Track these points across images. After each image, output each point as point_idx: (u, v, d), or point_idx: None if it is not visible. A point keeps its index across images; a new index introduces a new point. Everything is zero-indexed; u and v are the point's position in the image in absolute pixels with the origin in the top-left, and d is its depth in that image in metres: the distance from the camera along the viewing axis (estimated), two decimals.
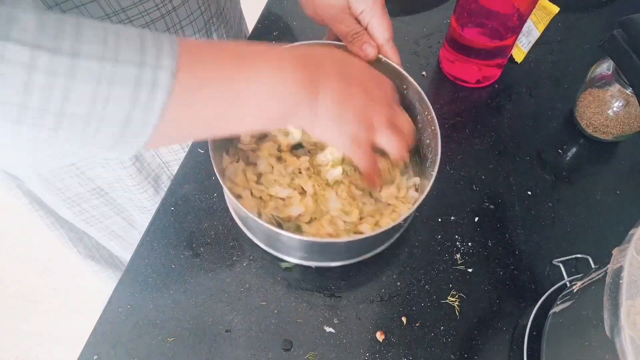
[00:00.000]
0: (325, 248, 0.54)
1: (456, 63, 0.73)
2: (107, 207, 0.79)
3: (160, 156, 0.75)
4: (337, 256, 0.56)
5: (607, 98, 0.64)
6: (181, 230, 0.59)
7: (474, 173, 0.66)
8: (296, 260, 0.56)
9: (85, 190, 0.73)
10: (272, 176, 0.56)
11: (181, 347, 0.52)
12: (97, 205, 0.78)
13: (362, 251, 0.56)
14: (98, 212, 0.79)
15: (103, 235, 0.86)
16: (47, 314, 1.49)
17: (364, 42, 0.54)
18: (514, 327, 0.55)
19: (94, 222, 0.81)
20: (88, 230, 0.83)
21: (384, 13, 0.54)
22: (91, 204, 0.77)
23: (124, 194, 0.77)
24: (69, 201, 0.74)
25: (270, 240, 0.55)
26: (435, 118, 0.54)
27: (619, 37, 0.53)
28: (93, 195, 0.75)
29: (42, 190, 0.71)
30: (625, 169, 0.69)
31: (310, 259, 0.56)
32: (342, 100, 0.43)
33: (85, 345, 0.52)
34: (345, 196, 0.55)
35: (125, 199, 0.78)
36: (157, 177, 0.77)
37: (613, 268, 0.37)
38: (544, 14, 0.72)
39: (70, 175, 0.69)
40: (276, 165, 0.56)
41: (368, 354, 0.53)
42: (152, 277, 0.56)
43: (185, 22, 0.61)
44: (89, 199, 0.75)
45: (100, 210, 0.79)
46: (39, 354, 1.42)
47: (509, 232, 0.62)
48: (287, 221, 0.54)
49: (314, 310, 0.55)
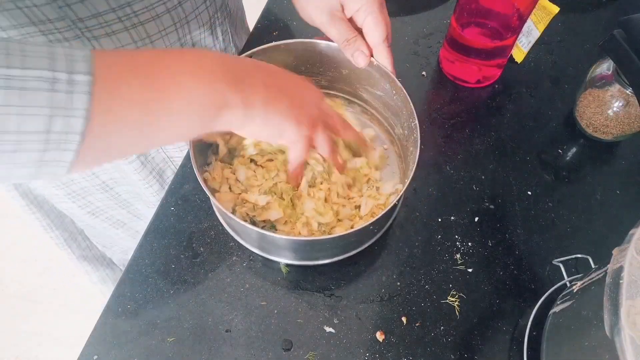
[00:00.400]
0: (310, 246, 0.54)
1: (456, 63, 0.73)
2: (112, 201, 0.80)
3: (165, 150, 0.76)
4: (323, 253, 0.56)
5: (607, 98, 0.64)
6: (181, 230, 0.59)
7: (474, 173, 0.66)
8: (285, 260, 0.56)
9: (90, 185, 0.74)
10: (256, 181, 0.56)
11: (181, 347, 0.52)
12: (102, 199, 0.78)
13: (349, 248, 0.56)
14: (103, 204, 0.79)
15: (109, 224, 0.85)
16: (47, 314, 1.49)
17: (355, 50, 0.53)
18: (514, 327, 0.55)
19: (99, 213, 0.81)
20: (93, 222, 0.83)
21: (381, 10, 0.52)
22: (96, 197, 0.77)
23: (130, 189, 0.77)
24: (73, 195, 0.74)
25: (252, 239, 0.56)
26: (417, 127, 0.53)
27: (619, 37, 0.53)
28: (98, 190, 0.75)
29: (45, 184, 0.71)
30: (625, 169, 0.69)
31: (297, 258, 0.56)
32: (269, 103, 0.43)
33: (85, 345, 0.52)
34: (319, 197, 0.55)
35: (131, 194, 0.78)
36: (161, 171, 0.77)
37: (613, 268, 0.37)
38: (544, 14, 0.72)
39: None
40: (258, 170, 0.57)
41: (368, 354, 0.53)
42: (152, 277, 0.56)
43: (191, 16, 0.61)
44: (94, 192, 0.76)
45: (106, 203, 0.79)
46: (39, 354, 1.42)
47: (509, 232, 0.62)
48: (262, 222, 0.55)
49: (314, 310, 0.55)
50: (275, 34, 0.78)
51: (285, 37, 0.59)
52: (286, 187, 0.55)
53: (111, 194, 0.78)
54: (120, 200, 0.80)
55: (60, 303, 1.50)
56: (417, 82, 0.75)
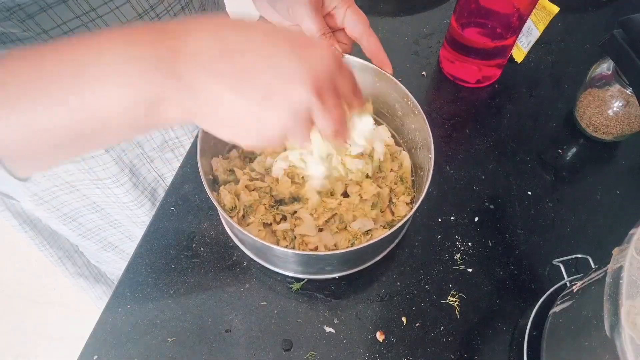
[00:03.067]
0: (316, 261, 0.53)
1: (456, 63, 0.73)
2: (104, 220, 0.79)
3: (156, 169, 0.75)
4: (329, 269, 0.56)
5: (607, 98, 0.64)
6: (181, 230, 0.59)
7: (474, 173, 0.66)
8: (288, 273, 0.56)
9: (81, 206, 0.73)
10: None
11: (181, 347, 0.52)
12: (94, 219, 0.78)
13: (355, 264, 0.56)
14: (94, 224, 0.79)
15: (100, 247, 0.85)
16: (47, 314, 1.49)
17: (335, 42, 0.54)
18: (514, 327, 0.55)
19: (91, 236, 0.81)
20: (84, 243, 0.82)
21: (355, 5, 0.53)
22: (87, 218, 0.77)
23: (121, 211, 0.76)
24: (64, 217, 0.74)
25: (260, 252, 0.56)
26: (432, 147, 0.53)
27: (619, 37, 0.53)
28: (89, 210, 0.75)
29: (36, 208, 0.70)
30: (625, 169, 0.69)
31: (303, 272, 0.56)
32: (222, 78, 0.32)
33: (85, 345, 0.52)
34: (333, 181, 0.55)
35: (122, 215, 0.78)
36: (153, 190, 0.77)
37: (613, 268, 0.37)
38: (544, 14, 0.72)
39: (65, 193, 0.69)
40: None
41: (368, 354, 0.53)
42: (152, 277, 0.56)
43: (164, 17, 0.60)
44: (84, 213, 0.75)
45: (97, 223, 0.79)
46: (39, 354, 1.42)
47: (509, 232, 0.62)
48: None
49: (314, 310, 0.55)
50: None
51: None
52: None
53: (102, 214, 0.77)
54: (112, 220, 0.80)
55: (60, 303, 1.50)
56: (417, 82, 0.75)
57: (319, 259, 0.51)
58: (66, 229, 0.77)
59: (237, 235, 0.57)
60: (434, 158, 0.52)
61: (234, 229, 0.54)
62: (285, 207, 0.55)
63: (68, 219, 0.74)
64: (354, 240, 0.54)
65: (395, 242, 0.59)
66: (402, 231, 0.59)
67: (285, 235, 0.54)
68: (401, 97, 0.57)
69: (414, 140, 0.59)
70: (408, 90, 0.55)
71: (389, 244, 0.58)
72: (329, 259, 0.52)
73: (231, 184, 0.57)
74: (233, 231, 0.57)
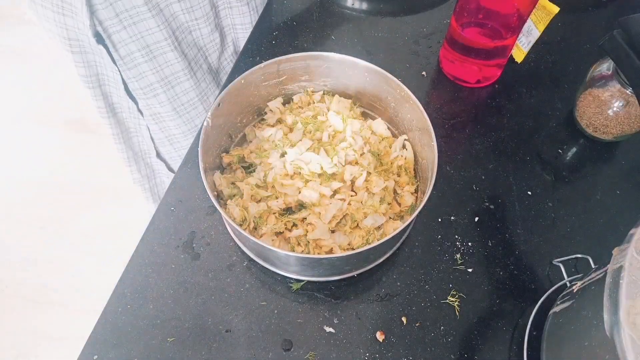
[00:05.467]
0: (317, 263, 0.53)
1: (456, 63, 0.73)
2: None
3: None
4: (329, 271, 0.56)
5: (607, 98, 0.64)
6: (181, 230, 0.59)
7: (474, 173, 0.66)
8: (289, 275, 0.56)
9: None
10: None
11: (181, 347, 0.52)
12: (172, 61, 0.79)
13: (357, 266, 0.56)
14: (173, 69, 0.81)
15: (164, 136, 0.88)
16: (47, 314, 1.49)
17: None
18: (514, 327, 0.55)
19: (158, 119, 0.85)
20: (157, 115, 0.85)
21: None
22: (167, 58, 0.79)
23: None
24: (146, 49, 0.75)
25: (264, 255, 0.56)
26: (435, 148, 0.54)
27: (619, 37, 0.53)
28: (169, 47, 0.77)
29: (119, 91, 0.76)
30: (625, 169, 0.68)
31: (304, 274, 0.56)
32: None
33: (85, 345, 0.52)
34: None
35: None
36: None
37: (613, 268, 0.37)
38: (544, 14, 0.72)
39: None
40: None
41: (368, 354, 0.53)
42: (152, 277, 0.56)
43: None
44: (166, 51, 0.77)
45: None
46: (39, 354, 1.42)
47: (509, 232, 0.62)
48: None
49: (314, 310, 0.55)
50: (275, 34, 0.78)
51: (285, 37, 0.59)
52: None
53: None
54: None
55: (60, 303, 1.50)
56: (417, 82, 0.75)
57: (332, 261, 0.52)
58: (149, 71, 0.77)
59: (245, 243, 0.57)
60: (436, 146, 0.53)
61: (249, 242, 0.55)
62: (294, 216, 0.56)
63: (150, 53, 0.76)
64: (368, 237, 0.55)
65: (406, 234, 0.59)
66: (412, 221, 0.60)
67: (299, 241, 0.54)
68: (393, 89, 0.58)
69: (410, 130, 0.60)
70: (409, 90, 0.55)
71: (401, 236, 0.58)
72: (345, 260, 0.52)
73: (236, 197, 0.57)
74: (247, 244, 0.57)
